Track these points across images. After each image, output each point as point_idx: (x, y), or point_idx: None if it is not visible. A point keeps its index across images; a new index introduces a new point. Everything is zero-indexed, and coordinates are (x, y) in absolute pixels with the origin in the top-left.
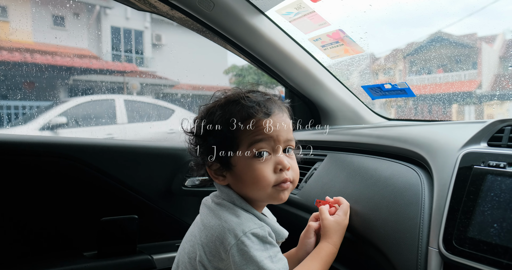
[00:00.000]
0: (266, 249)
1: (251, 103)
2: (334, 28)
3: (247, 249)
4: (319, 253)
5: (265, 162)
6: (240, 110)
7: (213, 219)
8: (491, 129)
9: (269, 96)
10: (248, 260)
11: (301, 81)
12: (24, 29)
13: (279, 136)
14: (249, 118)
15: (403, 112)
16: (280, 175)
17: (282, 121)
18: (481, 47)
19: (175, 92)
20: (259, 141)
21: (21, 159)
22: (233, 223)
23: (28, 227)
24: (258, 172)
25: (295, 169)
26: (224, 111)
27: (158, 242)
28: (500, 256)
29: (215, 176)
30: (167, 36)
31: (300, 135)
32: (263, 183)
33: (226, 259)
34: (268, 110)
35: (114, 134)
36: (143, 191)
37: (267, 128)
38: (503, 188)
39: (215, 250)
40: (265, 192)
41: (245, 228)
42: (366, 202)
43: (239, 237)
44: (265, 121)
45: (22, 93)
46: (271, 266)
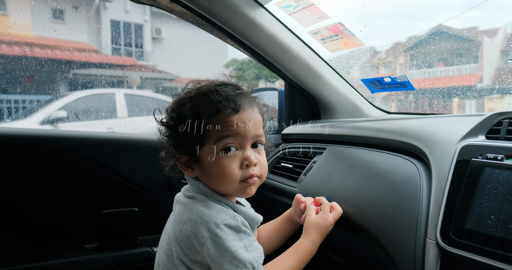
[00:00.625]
0: (240, 239)
1: (220, 97)
2: (334, 21)
3: (221, 240)
4: (297, 249)
5: (232, 158)
6: (209, 104)
7: (185, 213)
8: (489, 122)
9: (240, 90)
10: (222, 251)
11: (300, 75)
12: (23, 22)
13: (247, 132)
14: (217, 113)
15: (403, 106)
16: (246, 170)
17: (251, 117)
18: (482, 40)
19: (175, 86)
20: (226, 137)
21: (22, 152)
22: (205, 216)
23: (29, 220)
24: (224, 168)
25: (263, 164)
26: (193, 104)
27: (159, 235)
28: (497, 248)
29: (184, 168)
30: (167, 29)
31: (299, 129)
32: (229, 178)
33: (202, 252)
34: (237, 106)
35: (114, 128)
36: (143, 184)
37: (234, 125)
38: (500, 180)
39: (190, 244)
40: (231, 187)
41: (217, 220)
42: (364, 194)
43: (212, 229)
44: (232, 117)
45: (22, 87)
46: (246, 255)
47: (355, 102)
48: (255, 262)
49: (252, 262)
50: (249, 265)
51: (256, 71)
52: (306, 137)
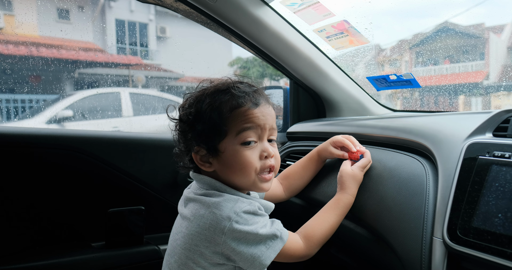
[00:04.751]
0: (259, 221)
1: (241, 93)
2: (339, 18)
3: (242, 226)
4: (337, 204)
5: (252, 149)
6: (230, 99)
7: (202, 208)
8: (496, 120)
9: (256, 87)
10: (245, 234)
11: (306, 73)
12: (30, 22)
13: (266, 124)
14: (238, 107)
15: (409, 104)
16: (265, 161)
17: (268, 112)
18: (489, 37)
19: (180, 85)
20: (247, 129)
21: (29, 152)
22: (223, 207)
23: (36, 219)
24: (245, 158)
25: (278, 157)
26: (213, 99)
27: (165, 233)
28: (504, 246)
29: (201, 162)
30: (172, 28)
31: (305, 127)
32: (249, 169)
33: (223, 243)
34: (256, 101)
35: (120, 127)
36: (149, 183)
37: (256, 117)
38: (508, 178)
39: (210, 237)
40: (249, 179)
41: (236, 209)
42: (371, 192)
43: (232, 218)
44: (253, 110)
45: (29, 87)
46: (268, 230)
47: (360, 100)
48: (277, 231)
49: (274, 233)
50: (273, 236)
51: (261, 69)
52: (312, 135)
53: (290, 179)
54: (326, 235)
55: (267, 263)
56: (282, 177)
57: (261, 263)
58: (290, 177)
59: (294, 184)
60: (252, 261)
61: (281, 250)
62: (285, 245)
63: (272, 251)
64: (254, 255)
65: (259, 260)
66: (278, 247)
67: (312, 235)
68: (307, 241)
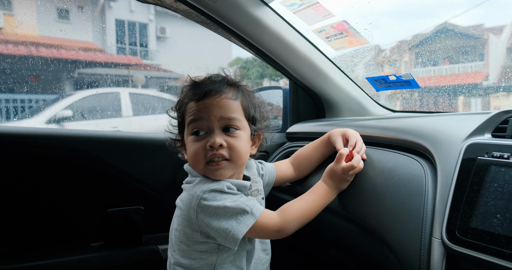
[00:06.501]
0: (228, 197)
1: (192, 86)
2: (338, 19)
3: (209, 202)
4: (313, 189)
5: (199, 140)
6: (186, 93)
7: (184, 193)
8: (495, 120)
9: (219, 77)
10: (214, 209)
11: (305, 73)
12: (29, 22)
13: (211, 116)
14: (189, 101)
15: (408, 104)
16: (209, 151)
17: (216, 102)
18: (488, 38)
19: (179, 85)
20: (193, 121)
21: (28, 151)
22: (195, 188)
23: (35, 219)
24: (191, 149)
25: (235, 147)
26: (182, 94)
27: (164, 233)
28: (503, 246)
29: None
30: (172, 28)
31: (304, 127)
32: (195, 159)
33: (197, 219)
34: (201, 93)
35: (119, 127)
36: (148, 183)
37: (198, 110)
38: (506, 179)
39: (187, 216)
40: (199, 167)
41: (204, 188)
42: (370, 193)
43: (200, 196)
44: (196, 103)
45: (28, 87)
46: (236, 204)
47: (360, 100)
48: (246, 206)
49: (243, 208)
50: (242, 211)
51: (261, 69)
52: (311, 135)
53: (300, 159)
54: (300, 211)
55: (239, 237)
56: (294, 158)
57: (234, 237)
58: (300, 157)
59: (303, 164)
60: (225, 235)
61: (254, 225)
62: (258, 220)
63: (243, 225)
64: (226, 230)
65: (230, 234)
66: (250, 222)
67: (287, 208)
68: (281, 213)
